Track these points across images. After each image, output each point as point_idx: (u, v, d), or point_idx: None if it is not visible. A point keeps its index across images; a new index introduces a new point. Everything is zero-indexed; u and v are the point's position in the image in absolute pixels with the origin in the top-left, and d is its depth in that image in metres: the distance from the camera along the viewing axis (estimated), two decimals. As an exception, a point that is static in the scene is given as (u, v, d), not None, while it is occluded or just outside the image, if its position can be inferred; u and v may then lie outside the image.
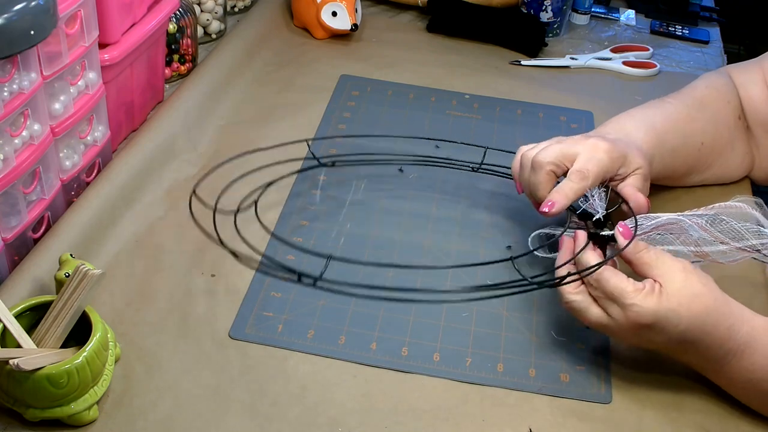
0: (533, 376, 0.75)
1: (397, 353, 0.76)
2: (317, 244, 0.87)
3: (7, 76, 0.72)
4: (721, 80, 0.96)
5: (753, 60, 0.97)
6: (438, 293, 0.78)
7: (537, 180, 0.80)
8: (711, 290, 0.69)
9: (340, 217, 0.91)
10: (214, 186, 0.85)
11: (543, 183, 0.80)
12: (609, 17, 1.38)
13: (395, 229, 0.90)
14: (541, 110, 1.12)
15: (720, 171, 0.95)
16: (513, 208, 0.93)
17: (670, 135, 0.88)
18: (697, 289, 0.68)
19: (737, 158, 0.95)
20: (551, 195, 0.77)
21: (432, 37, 1.28)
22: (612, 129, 0.87)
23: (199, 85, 1.06)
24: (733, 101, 0.94)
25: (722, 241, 0.72)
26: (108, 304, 0.78)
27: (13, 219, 0.78)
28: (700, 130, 0.91)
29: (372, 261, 0.81)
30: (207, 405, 0.70)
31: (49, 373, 0.64)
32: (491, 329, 0.79)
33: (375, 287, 0.68)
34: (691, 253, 0.74)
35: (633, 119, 0.88)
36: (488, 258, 0.86)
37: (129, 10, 0.92)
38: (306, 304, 0.80)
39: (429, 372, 0.75)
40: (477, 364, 0.75)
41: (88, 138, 0.89)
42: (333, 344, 0.76)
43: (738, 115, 0.94)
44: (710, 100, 0.93)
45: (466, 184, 0.97)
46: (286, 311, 0.79)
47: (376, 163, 0.97)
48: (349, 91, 1.12)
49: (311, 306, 0.80)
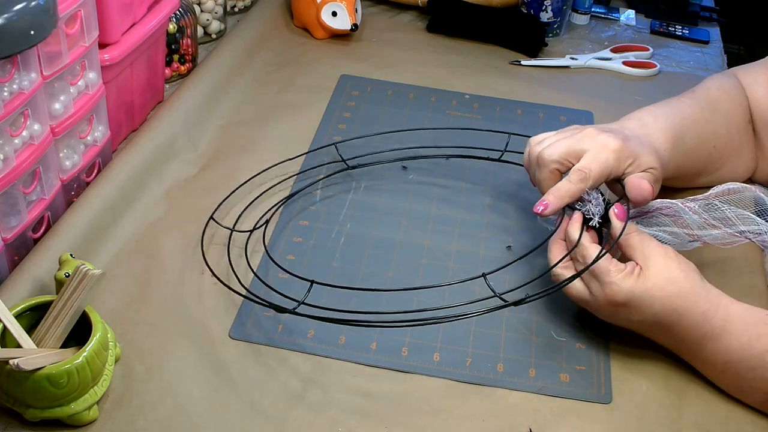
0: (533, 376, 0.75)
1: (397, 353, 0.76)
2: (317, 244, 0.87)
3: (7, 76, 0.72)
4: (731, 82, 0.95)
5: (759, 61, 0.97)
6: (396, 314, 0.72)
7: (541, 177, 0.80)
8: (688, 276, 0.71)
9: (340, 217, 0.91)
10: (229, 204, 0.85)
11: (546, 181, 0.79)
12: (609, 17, 1.38)
13: (395, 230, 0.90)
14: (541, 110, 1.12)
15: (728, 173, 0.94)
16: (516, 207, 0.93)
17: (687, 136, 0.87)
18: (674, 274, 0.71)
19: (745, 161, 0.95)
20: (546, 195, 0.77)
21: (432, 37, 1.28)
22: (633, 124, 0.85)
23: (199, 85, 1.06)
24: (743, 104, 0.94)
25: (715, 227, 0.75)
26: (108, 304, 0.78)
27: (13, 219, 0.78)
28: (712, 132, 0.91)
29: (357, 286, 0.81)
30: (207, 405, 0.70)
31: (49, 373, 0.64)
32: (491, 329, 0.79)
33: (346, 311, 0.69)
34: (686, 235, 0.76)
35: (655, 117, 0.86)
36: (488, 257, 0.86)
37: (129, 10, 0.92)
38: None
39: (429, 372, 0.75)
40: (477, 364, 0.75)
41: (88, 138, 0.89)
42: (333, 344, 0.76)
43: (748, 118, 0.94)
44: (722, 103, 0.93)
45: (467, 185, 0.97)
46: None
47: (393, 160, 0.98)
48: (349, 91, 1.12)
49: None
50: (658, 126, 0.85)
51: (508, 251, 0.88)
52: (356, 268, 0.84)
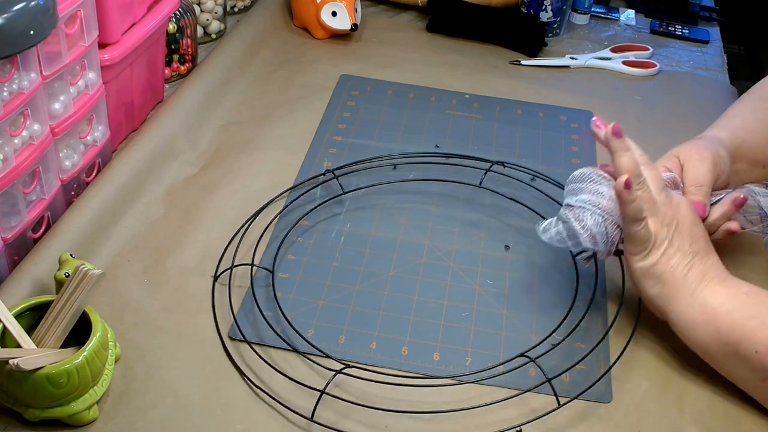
0: (533, 376, 0.75)
1: (398, 353, 0.76)
2: (317, 243, 0.87)
3: (6, 76, 0.72)
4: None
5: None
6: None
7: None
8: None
9: (341, 217, 0.91)
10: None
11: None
12: (609, 17, 1.38)
13: (395, 230, 0.90)
14: (540, 110, 1.12)
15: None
16: (515, 208, 0.94)
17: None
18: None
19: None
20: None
21: (432, 37, 1.28)
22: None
23: (199, 85, 1.06)
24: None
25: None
26: (108, 304, 0.78)
27: (13, 219, 0.78)
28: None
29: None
30: (207, 405, 0.70)
31: (49, 373, 0.64)
32: (491, 329, 0.79)
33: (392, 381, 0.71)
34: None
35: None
36: (487, 257, 0.86)
37: (129, 10, 0.92)
38: (306, 303, 0.80)
39: (429, 372, 0.75)
40: (477, 364, 0.75)
41: (88, 138, 0.89)
42: (333, 344, 0.76)
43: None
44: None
45: (467, 188, 0.97)
46: (287, 311, 0.79)
47: (380, 167, 0.97)
48: (349, 91, 1.12)
49: (311, 306, 0.80)
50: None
51: (506, 251, 0.88)
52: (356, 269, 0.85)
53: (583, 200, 0.75)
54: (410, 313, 0.80)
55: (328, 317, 0.79)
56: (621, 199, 0.73)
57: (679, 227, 0.74)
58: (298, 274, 0.83)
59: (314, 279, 0.83)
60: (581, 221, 0.75)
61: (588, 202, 0.75)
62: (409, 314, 0.80)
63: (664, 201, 0.74)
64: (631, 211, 0.72)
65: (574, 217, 0.75)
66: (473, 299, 0.82)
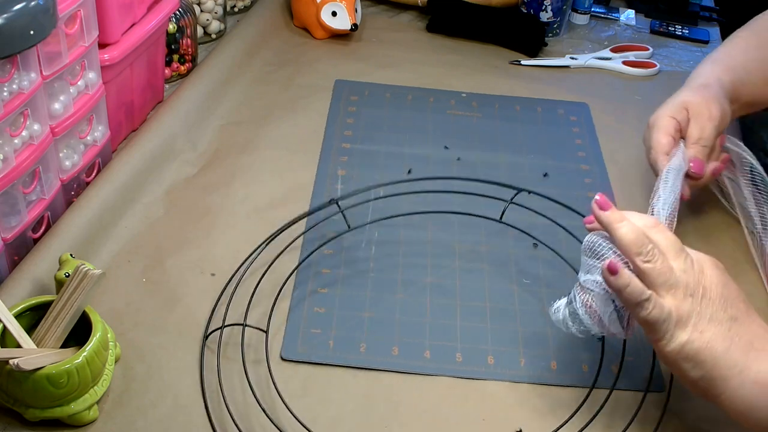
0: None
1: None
2: (347, 254, 0.86)
3: (6, 76, 0.72)
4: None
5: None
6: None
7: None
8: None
9: (366, 227, 0.89)
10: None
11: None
12: (609, 17, 1.38)
13: (424, 230, 0.89)
14: (538, 105, 1.12)
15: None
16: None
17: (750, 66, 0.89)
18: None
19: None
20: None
21: (432, 37, 1.28)
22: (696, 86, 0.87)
23: (198, 85, 1.06)
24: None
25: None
26: (108, 304, 0.78)
27: (13, 219, 0.78)
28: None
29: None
30: (207, 405, 0.70)
31: (49, 373, 0.64)
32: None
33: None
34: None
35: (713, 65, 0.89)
36: (518, 256, 0.86)
37: (129, 10, 0.92)
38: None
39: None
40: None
41: (88, 138, 0.89)
42: (387, 355, 0.76)
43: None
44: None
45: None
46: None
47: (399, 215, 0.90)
48: (347, 96, 1.11)
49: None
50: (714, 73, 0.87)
51: (535, 249, 0.88)
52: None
53: (592, 282, 0.67)
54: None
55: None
56: (610, 287, 0.63)
57: (708, 293, 0.62)
58: (337, 289, 0.82)
59: (353, 291, 0.82)
60: (588, 306, 0.67)
61: (595, 283, 0.66)
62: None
63: (684, 267, 0.63)
64: (629, 296, 0.62)
65: (582, 302, 0.67)
66: (514, 299, 0.82)
